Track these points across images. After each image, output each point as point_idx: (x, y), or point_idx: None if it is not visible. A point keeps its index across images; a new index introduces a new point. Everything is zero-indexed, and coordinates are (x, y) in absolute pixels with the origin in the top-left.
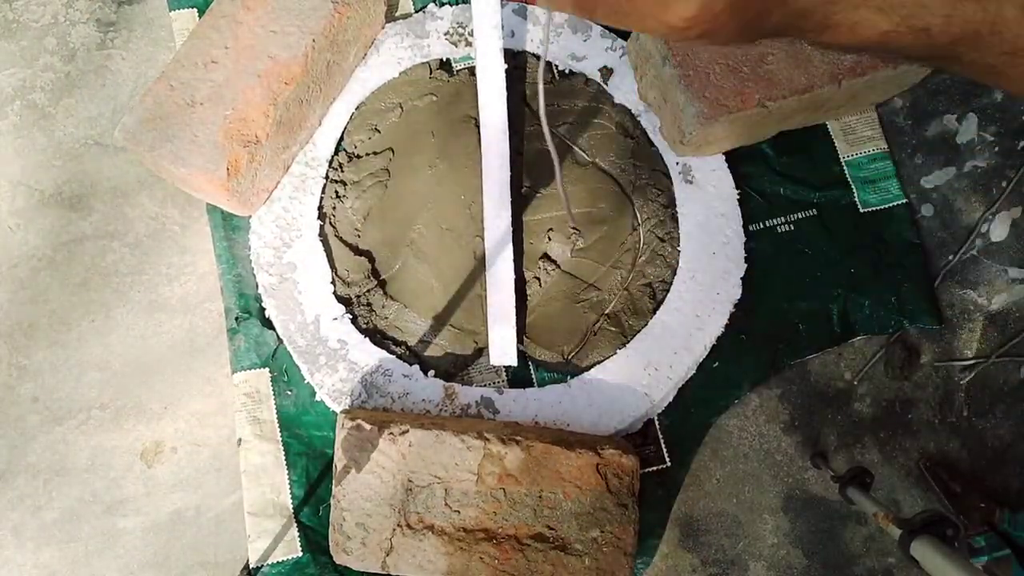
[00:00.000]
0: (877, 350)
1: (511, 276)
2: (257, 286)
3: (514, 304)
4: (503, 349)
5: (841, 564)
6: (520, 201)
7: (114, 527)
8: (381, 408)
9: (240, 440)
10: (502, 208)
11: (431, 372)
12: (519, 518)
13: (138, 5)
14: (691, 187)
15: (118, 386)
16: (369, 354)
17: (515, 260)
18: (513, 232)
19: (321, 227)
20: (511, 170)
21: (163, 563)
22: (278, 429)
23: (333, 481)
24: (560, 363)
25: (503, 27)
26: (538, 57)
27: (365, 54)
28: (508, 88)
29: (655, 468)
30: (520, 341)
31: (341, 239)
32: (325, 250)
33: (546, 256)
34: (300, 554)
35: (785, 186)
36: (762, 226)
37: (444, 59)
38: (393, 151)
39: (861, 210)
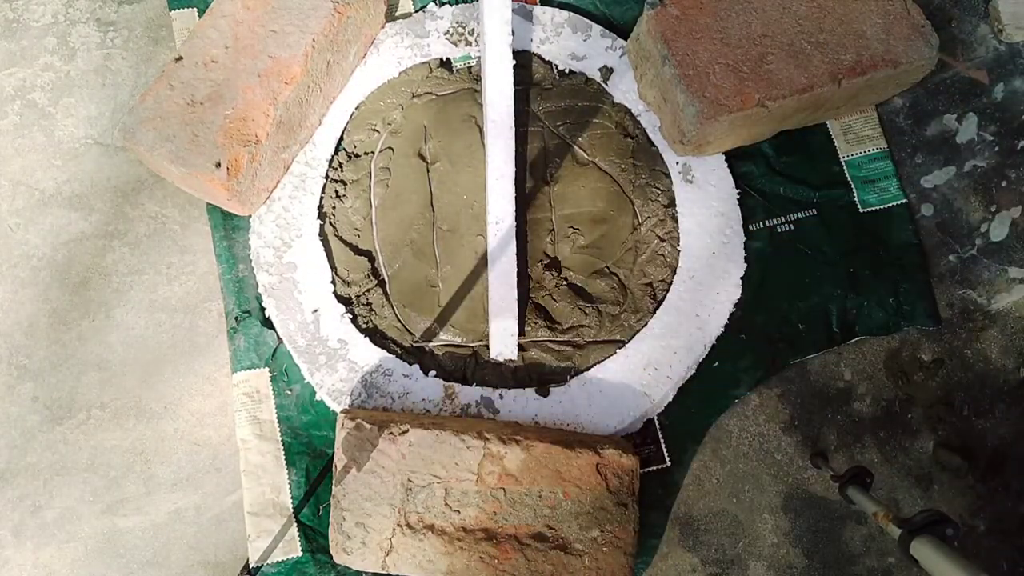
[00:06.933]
0: (877, 350)
1: (514, 271)
2: (257, 286)
3: (516, 299)
4: (503, 342)
5: (841, 564)
6: (521, 200)
7: (114, 527)
8: (381, 408)
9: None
10: (507, 203)
11: (431, 372)
12: (519, 518)
13: (138, 5)
14: (691, 187)
15: (118, 386)
16: (369, 354)
17: (517, 257)
18: (515, 229)
19: (321, 227)
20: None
21: (163, 563)
22: (278, 429)
23: (333, 481)
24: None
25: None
26: (540, 57)
27: (365, 54)
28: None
29: (655, 468)
30: (521, 334)
31: (341, 239)
32: (325, 250)
33: (546, 255)
34: (300, 554)
35: (785, 186)
36: (762, 226)
37: (444, 58)
38: (393, 150)
39: (861, 210)
